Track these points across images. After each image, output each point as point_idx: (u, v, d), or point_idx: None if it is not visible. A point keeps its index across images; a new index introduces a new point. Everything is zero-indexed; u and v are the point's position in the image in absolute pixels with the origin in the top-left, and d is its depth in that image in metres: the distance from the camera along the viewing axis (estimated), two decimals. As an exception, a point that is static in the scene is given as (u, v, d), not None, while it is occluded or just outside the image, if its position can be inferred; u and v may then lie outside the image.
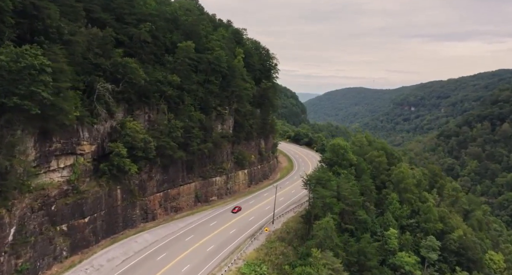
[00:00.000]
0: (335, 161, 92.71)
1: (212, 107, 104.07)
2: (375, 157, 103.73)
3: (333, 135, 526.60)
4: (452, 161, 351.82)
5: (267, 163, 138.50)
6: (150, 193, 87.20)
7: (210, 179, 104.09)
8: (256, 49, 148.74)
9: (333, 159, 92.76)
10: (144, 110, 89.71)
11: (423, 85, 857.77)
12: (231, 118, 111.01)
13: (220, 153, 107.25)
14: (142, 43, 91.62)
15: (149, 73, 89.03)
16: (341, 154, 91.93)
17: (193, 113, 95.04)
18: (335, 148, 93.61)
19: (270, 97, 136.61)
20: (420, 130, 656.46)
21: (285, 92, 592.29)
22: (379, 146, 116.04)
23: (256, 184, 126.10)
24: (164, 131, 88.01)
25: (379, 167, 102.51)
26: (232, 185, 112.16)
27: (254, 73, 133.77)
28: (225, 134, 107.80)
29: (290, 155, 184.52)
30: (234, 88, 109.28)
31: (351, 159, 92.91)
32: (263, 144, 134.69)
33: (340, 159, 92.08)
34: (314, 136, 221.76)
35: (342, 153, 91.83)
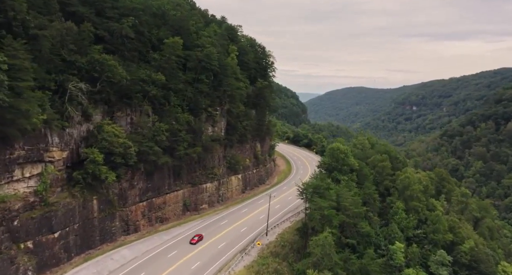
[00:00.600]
0: (335, 166, 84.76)
1: (202, 108, 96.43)
2: (378, 161, 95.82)
3: (334, 136, 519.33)
4: (456, 161, 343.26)
5: (264, 167, 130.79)
6: (132, 203, 79.57)
7: (200, 185, 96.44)
8: (252, 46, 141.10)
9: (332, 164, 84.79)
10: (126, 112, 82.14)
11: (425, 84, 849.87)
12: (223, 120, 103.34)
13: (211, 157, 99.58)
14: (124, 39, 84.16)
15: (131, 72, 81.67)
16: (341, 158, 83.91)
17: (180, 115, 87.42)
18: (334, 152, 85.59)
19: (266, 97, 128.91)
20: (422, 130, 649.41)
21: (285, 92, 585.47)
22: (382, 149, 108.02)
23: (251, 189, 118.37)
24: (147, 135, 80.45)
25: (383, 172, 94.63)
26: (225, 191, 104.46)
27: (249, 72, 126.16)
28: (216, 137, 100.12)
29: (289, 157, 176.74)
30: (226, 87, 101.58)
31: (352, 164, 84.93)
32: (258, 146, 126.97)
33: (340, 164, 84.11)
34: (314, 138, 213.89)
35: (342, 157, 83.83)
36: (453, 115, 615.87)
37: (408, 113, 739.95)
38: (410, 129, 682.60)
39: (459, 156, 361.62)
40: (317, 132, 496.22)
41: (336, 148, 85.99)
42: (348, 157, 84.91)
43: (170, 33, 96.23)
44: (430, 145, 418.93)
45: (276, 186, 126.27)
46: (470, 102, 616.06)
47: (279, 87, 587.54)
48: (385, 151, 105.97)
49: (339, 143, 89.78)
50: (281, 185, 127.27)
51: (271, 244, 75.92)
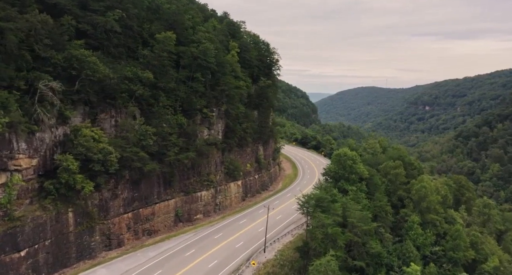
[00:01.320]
0: (341, 174, 75.60)
1: (197, 109, 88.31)
2: (391, 169, 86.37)
3: (345, 136, 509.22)
4: (472, 164, 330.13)
5: (267, 172, 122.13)
6: (115, 215, 71.67)
7: (194, 194, 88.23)
8: (255, 43, 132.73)
9: (338, 172, 75.66)
10: (110, 113, 74.41)
11: (438, 84, 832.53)
12: (220, 122, 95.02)
13: (206, 163, 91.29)
14: (109, 34, 76.53)
15: (116, 69, 74.00)
16: (349, 166, 74.77)
17: (170, 117, 79.37)
18: (341, 158, 76.40)
19: (270, 97, 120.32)
20: (436, 130, 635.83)
21: (295, 92, 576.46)
22: (395, 154, 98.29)
23: (253, 196, 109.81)
24: (131, 139, 72.49)
25: (396, 180, 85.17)
26: (222, 199, 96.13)
27: (250, 70, 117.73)
28: (213, 141, 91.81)
29: (296, 161, 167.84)
30: (224, 86, 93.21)
31: (361, 172, 75.66)
32: (261, 150, 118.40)
33: (348, 172, 74.91)
34: (323, 139, 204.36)
35: (349, 164, 74.64)
36: (467, 115, 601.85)
37: (421, 113, 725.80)
38: (423, 130, 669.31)
39: (475, 158, 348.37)
40: (327, 133, 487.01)
41: (343, 154, 76.61)
42: (356, 164, 75.56)
43: (163, 28, 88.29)
44: (444, 147, 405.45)
45: (280, 193, 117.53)
46: (485, 102, 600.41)
47: (289, 87, 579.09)
48: (398, 156, 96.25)
49: (346, 148, 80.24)
50: (285, 192, 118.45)
51: (269, 263, 67.24)
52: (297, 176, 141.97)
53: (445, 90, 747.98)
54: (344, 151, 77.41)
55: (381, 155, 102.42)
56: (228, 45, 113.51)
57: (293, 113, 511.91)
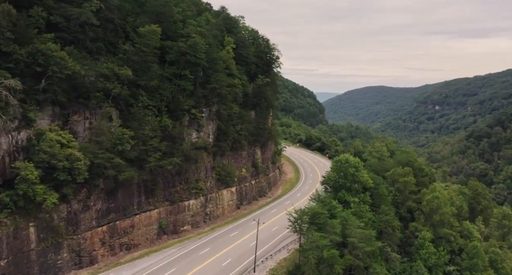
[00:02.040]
0: (342, 183, 66.61)
1: (184, 110, 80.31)
2: (400, 176, 77.27)
3: (352, 137, 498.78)
4: (484, 165, 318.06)
5: (265, 177, 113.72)
6: (87, 228, 63.83)
7: (181, 203, 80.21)
8: (254, 39, 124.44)
9: (339, 181, 66.76)
10: (84, 115, 66.73)
11: (448, 83, 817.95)
12: (211, 123, 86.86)
13: (195, 169, 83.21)
14: (85, 27, 68.88)
15: (91, 66, 66.41)
16: (351, 174, 65.86)
17: (150, 118, 71.29)
18: (342, 165, 67.48)
19: (268, 96, 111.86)
20: (446, 130, 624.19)
21: (302, 92, 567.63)
22: (404, 159, 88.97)
23: (249, 204, 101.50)
24: (105, 144, 64.65)
25: (405, 189, 76.15)
26: (213, 208, 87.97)
27: (248, 68, 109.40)
28: (202, 144, 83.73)
29: (298, 163, 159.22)
30: (215, 84, 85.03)
31: (365, 181, 66.60)
32: (259, 153, 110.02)
33: (349, 181, 65.91)
34: (328, 141, 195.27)
35: (351, 172, 65.71)
36: (478, 114, 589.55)
37: (431, 113, 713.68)
38: (432, 130, 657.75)
39: (487, 159, 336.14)
40: (334, 133, 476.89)
41: (344, 161, 67.68)
42: (359, 171, 66.57)
43: (149, 21, 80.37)
44: (455, 147, 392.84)
45: (279, 199, 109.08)
46: (497, 101, 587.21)
47: (295, 87, 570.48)
48: (407, 161, 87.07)
49: (348, 154, 71.06)
50: (285, 198, 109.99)
51: (258, 286, 59.01)
52: (299, 180, 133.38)
53: (455, 89, 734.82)
54: (346, 157, 68.32)
55: (389, 160, 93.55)
56: (223, 41, 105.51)
57: (299, 113, 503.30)
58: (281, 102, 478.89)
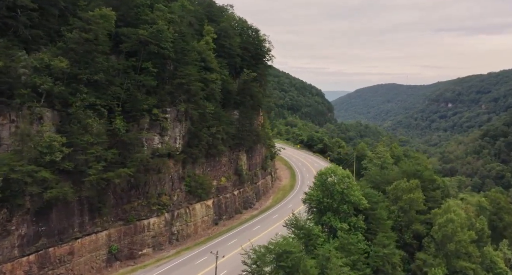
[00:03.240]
0: (328, 204, 51.73)
1: (143, 110, 66.60)
2: (404, 192, 61.98)
3: (361, 136, 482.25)
4: (501, 166, 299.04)
5: (252, 185, 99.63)
6: (6, 259, 50.51)
7: (139, 222, 66.56)
8: (241, 29, 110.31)
9: (323, 201, 51.80)
10: (9, 117, 53.56)
11: (461, 80, 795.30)
12: (178, 126, 73.02)
13: (158, 181, 69.50)
14: (17, 11, 56.00)
15: (12, 57, 53.35)
16: (338, 192, 50.95)
17: (92, 121, 57.66)
18: (326, 181, 52.23)
19: (255, 93, 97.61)
20: (459, 129, 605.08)
21: (310, 90, 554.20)
22: (411, 168, 73.25)
23: (230, 218, 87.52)
24: (27, 154, 51.36)
25: (411, 209, 60.82)
26: (182, 227, 74.19)
27: (231, 60, 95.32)
28: (167, 151, 70.03)
29: (296, 168, 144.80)
30: (182, 79, 71.25)
31: (357, 201, 51.56)
32: (244, 159, 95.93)
33: (337, 202, 50.89)
34: (330, 142, 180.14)
35: (340, 190, 50.81)
36: (493, 112, 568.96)
37: (443, 111, 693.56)
38: (445, 128, 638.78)
39: (503, 159, 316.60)
40: (343, 132, 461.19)
41: (329, 173, 52.32)
42: (351, 188, 51.48)
43: (105, 5, 66.95)
44: (469, 147, 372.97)
45: (267, 212, 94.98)
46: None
47: (303, 85, 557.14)
48: (415, 170, 71.46)
49: (335, 166, 55.93)
50: (274, 210, 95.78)
51: None
52: (293, 187, 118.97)
53: (468, 86, 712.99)
54: (332, 170, 53.43)
55: (393, 168, 78.87)
56: (202, 30, 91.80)
57: (307, 112, 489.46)
58: (287, 101, 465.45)
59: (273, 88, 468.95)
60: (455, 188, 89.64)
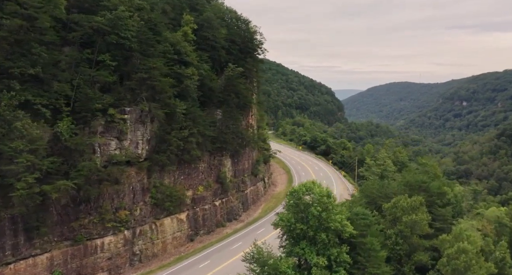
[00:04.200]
0: (302, 231, 39.88)
1: (97, 109, 56.51)
2: (405, 212, 50.02)
3: (372, 135, 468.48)
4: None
5: (238, 194, 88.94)
6: None
7: (90, 241, 56.41)
8: (230, 20, 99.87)
9: (296, 226, 39.79)
10: None
11: (476, 77, 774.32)
12: (141, 128, 62.71)
13: (114, 193, 59.27)
14: None
15: None
16: (314, 216, 38.98)
17: (19, 124, 47.59)
18: (300, 201, 40.28)
19: (241, 90, 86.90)
20: (474, 128, 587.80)
21: (319, 88, 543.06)
22: (415, 180, 60.24)
23: (209, 233, 76.85)
24: None
25: (412, 235, 49.10)
26: (147, 245, 63.85)
27: (213, 53, 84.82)
28: (126, 158, 59.79)
29: (294, 172, 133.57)
30: (144, 74, 60.94)
31: (339, 227, 39.37)
32: (228, 165, 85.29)
33: (313, 228, 38.50)
34: (334, 143, 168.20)
35: (316, 214, 38.71)
36: (509, 111, 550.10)
37: (458, 109, 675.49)
38: (459, 127, 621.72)
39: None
40: (353, 132, 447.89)
41: (304, 190, 40.44)
42: (330, 212, 39.63)
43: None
44: (484, 147, 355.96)
45: (254, 224, 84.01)
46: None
47: (312, 83, 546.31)
48: (420, 182, 59.37)
49: (311, 183, 44.12)
50: (261, 223, 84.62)
51: None
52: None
53: (483, 84, 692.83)
54: (307, 187, 41.66)
55: (395, 176, 67.29)
56: (181, 20, 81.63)
57: (316, 111, 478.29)
58: (296, 100, 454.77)
59: (281, 87, 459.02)
60: (469, 199, 77.95)
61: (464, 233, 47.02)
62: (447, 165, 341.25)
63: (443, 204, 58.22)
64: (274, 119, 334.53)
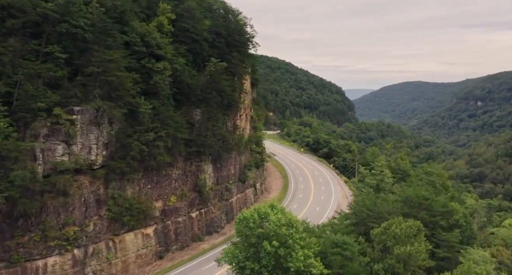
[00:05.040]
0: (253, 273, 30.72)
1: (40, 109, 48.25)
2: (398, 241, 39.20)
3: (383, 136, 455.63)
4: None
5: (221, 203, 80.00)
6: None
7: (30, 263, 48.01)
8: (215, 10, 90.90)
9: (245, 265, 30.03)
10: None
11: (491, 76, 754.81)
12: (95, 130, 54.15)
13: (62, 206, 50.79)
14: None
15: None
16: (270, 252, 28.55)
17: None
18: (251, 232, 30.51)
19: (224, 88, 77.80)
20: (489, 128, 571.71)
21: (329, 88, 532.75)
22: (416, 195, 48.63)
23: (183, 248, 67.96)
24: None
25: (407, 270, 38.22)
26: (103, 266, 55.28)
27: (194, 46, 76.00)
28: (75, 165, 51.37)
29: (292, 176, 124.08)
30: (96, 67, 52.38)
31: (302, 267, 28.88)
32: (208, 171, 76.34)
33: (269, 269, 28.31)
34: (338, 145, 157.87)
35: (271, 250, 28.12)
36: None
37: (472, 109, 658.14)
38: (474, 128, 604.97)
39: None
40: (363, 132, 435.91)
41: (252, 219, 29.86)
42: (291, 246, 29.30)
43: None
44: (500, 149, 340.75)
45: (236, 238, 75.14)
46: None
47: (322, 82, 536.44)
48: (421, 198, 48.76)
49: (267, 208, 34.29)
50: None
51: None
52: (281, 202, 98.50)
53: (499, 83, 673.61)
54: (261, 213, 31.66)
55: (394, 188, 57.61)
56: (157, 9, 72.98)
57: (325, 110, 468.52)
58: (304, 99, 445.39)
59: (289, 86, 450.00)
60: (482, 215, 67.38)
61: (474, 270, 37.01)
62: (460, 167, 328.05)
63: (449, 225, 47.99)
64: (282, 119, 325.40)
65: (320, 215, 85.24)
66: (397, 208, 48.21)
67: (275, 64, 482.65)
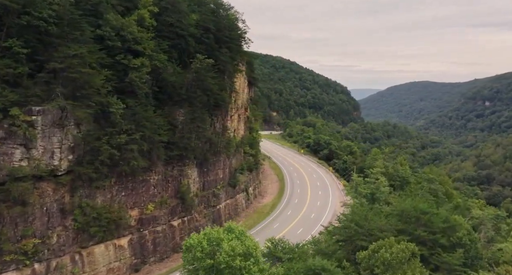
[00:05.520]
0: None
1: (-6, 109, 43.42)
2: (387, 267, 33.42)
3: (389, 136, 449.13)
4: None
5: (208, 210, 74.82)
6: None
7: (-21, 282, 43.39)
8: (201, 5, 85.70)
9: None
10: None
11: (500, 76, 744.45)
12: (58, 133, 49.13)
13: (20, 217, 45.85)
14: None
15: None
16: None
17: None
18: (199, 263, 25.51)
19: (211, 86, 72.55)
20: (497, 129, 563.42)
21: (334, 87, 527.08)
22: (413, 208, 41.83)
23: (161, 261, 62.95)
24: None
25: None
26: (68, 282, 50.44)
27: (178, 42, 70.92)
28: (36, 171, 46.43)
29: (289, 179, 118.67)
30: (58, 63, 47.40)
31: None
32: (193, 175, 71.22)
33: None
34: (339, 147, 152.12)
35: None
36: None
37: (480, 110, 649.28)
38: (482, 128, 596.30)
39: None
40: (368, 133, 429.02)
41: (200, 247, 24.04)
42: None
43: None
44: (508, 150, 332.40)
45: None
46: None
47: (327, 82, 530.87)
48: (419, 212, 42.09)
49: (219, 232, 28.73)
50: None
51: None
52: (275, 208, 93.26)
53: (508, 83, 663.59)
54: (214, 239, 25.98)
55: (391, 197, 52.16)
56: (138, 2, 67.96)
57: (330, 110, 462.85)
58: (309, 99, 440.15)
59: (294, 86, 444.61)
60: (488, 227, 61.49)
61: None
62: (467, 169, 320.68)
63: (451, 244, 42.05)
64: (286, 119, 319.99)
65: (315, 223, 79.92)
66: (390, 223, 42.47)
67: (280, 64, 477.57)
